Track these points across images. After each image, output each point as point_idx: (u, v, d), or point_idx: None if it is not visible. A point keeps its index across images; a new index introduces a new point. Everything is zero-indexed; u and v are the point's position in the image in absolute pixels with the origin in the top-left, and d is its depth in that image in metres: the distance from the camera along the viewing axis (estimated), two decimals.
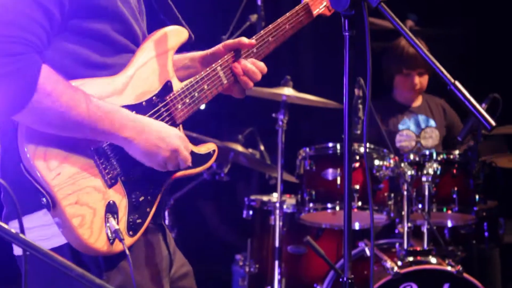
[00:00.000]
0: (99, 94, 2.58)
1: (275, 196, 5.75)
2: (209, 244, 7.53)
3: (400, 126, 6.09)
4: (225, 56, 2.93)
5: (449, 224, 5.54)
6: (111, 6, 2.64)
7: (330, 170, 5.28)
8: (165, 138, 2.65)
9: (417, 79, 6.11)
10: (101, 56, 2.64)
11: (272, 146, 5.83)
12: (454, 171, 5.27)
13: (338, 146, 5.30)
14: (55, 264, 2.00)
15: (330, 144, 5.34)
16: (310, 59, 7.41)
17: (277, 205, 5.45)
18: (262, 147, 6.33)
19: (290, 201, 5.74)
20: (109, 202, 2.58)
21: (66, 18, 2.55)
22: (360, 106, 5.21)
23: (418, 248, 5.11)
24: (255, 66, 2.96)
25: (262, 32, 3.02)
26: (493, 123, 2.36)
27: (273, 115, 5.56)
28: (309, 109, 5.92)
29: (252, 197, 5.95)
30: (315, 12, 3.17)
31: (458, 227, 5.64)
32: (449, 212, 5.23)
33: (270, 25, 3.04)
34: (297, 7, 3.14)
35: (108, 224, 2.55)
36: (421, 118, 6.15)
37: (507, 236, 6.00)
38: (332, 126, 5.90)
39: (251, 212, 5.92)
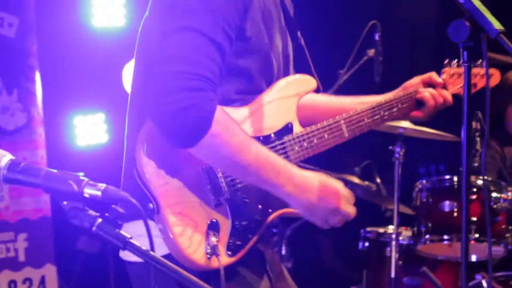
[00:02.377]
0: None
1: (391, 228, 5.78)
2: (324, 276, 7.57)
3: None
4: (351, 112, 3.01)
5: None
6: (260, 46, 2.72)
7: (447, 202, 5.31)
8: (324, 197, 2.69)
9: None
10: (235, 92, 2.74)
11: (388, 178, 5.87)
12: None
13: (455, 179, 5.34)
14: (183, 280, 2.07)
15: (447, 177, 5.38)
16: None
17: (394, 236, 5.48)
18: (378, 180, 6.38)
19: (405, 233, 5.77)
20: (212, 220, 2.66)
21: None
22: (478, 139, 5.23)
23: None
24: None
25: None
26: None
27: (390, 147, 5.63)
28: (426, 142, 5.94)
29: (368, 229, 5.99)
30: (450, 90, 3.29)
31: None
32: None
33: (394, 97, 3.16)
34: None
35: (207, 240, 2.62)
36: None
37: None
38: (449, 159, 5.95)
39: (367, 244, 5.95)
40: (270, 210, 2.80)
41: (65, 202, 2.01)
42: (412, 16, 7.64)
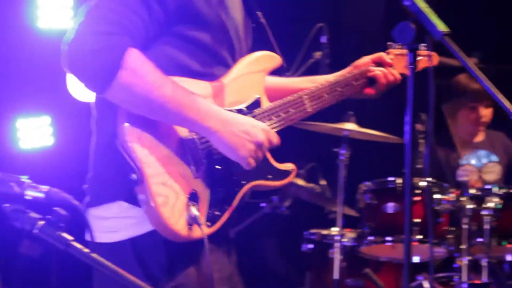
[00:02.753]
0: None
1: (334, 230, 5.80)
2: (268, 278, 7.57)
3: (462, 161, 6.12)
4: (313, 88, 3.13)
5: (509, 258, 5.51)
6: (215, 18, 2.79)
7: (391, 204, 5.34)
8: (249, 131, 2.74)
9: (483, 112, 6.18)
10: (201, 66, 2.79)
11: (333, 181, 5.89)
12: None
13: (399, 181, 5.37)
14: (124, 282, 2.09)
15: (391, 179, 5.41)
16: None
17: (337, 237, 5.50)
18: (323, 182, 6.39)
19: (349, 234, 5.79)
20: (192, 191, 2.70)
21: (172, 23, 2.70)
22: (421, 141, 5.28)
23: (477, 282, 5.11)
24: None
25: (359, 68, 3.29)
26: None
27: (335, 149, 5.64)
28: (370, 144, 5.97)
29: (312, 230, 6.00)
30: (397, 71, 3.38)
31: None
32: (509, 246, 5.24)
33: (348, 75, 3.28)
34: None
35: (188, 211, 2.66)
36: (483, 153, 6.19)
37: None
38: (393, 161, 5.98)
39: (310, 246, 5.97)
40: (243, 182, 2.85)
41: (6, 205, 1.98)
42: (359, 19, 7.68)
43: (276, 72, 3.11)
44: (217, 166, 2.78)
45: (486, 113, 6.22)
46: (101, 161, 2.77)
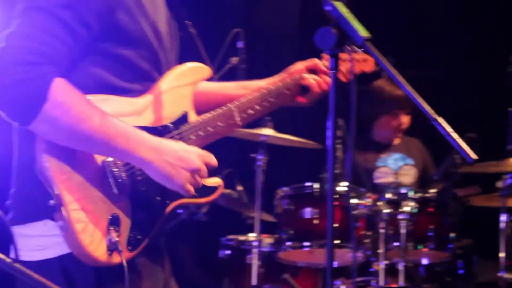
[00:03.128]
0: (119, 112, 2.64)
1: (252, 236, 5.77)
2: (184, 285, 7.47)
3: (378, 164, 6.17)
4: (243, 99, 3.03)
5: (425, 261, 5.59)
6: (139, 33, 2.71)
7: (308, 209, 5.33)
8: (183, 157, 2.66)
9: (403, 119, 6.27)
10: (124, 81, 2.71)
11: (250, 186, 5.86)
12: (430, 209, 5.38)
13: (316, 186, 5.36)
14: None
15: (308, 184, 5.40)
16: None
17: (255, 243, 5.47)
18: (239, 187, 6.36)
19: (267, 240, 5.78)
20: (113, 215, 2.62)
21: (94, 42, 2.62)
22: (339, 146, 5.30)
23: (394, 286, 5.15)
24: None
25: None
26: (474, 156, 2.43)
27: (252, 155, 5.61)
28: (288, 149, 5.97)
29: (229, 236, 5.96)
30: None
31: (434, 264, 5.70)
32: (425, 249, 5.31)
33: (281, 83, 3.17)
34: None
35: (108, 236, 2.59)
36: (399, 156, 6.25)
37: (480, 275, 6.06)
38: (310, 166, 5.99)
39: (228, 252, 5.93)
40: (168, 202, 2.77)
41: None
42: (274, 24, 7.68)
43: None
44: (140, 188, 2.70)
45: (406, 120, 6.31)
46: (25, 179, 2.67)
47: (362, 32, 2.55)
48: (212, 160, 2.76)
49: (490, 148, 5.54)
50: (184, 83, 2.89)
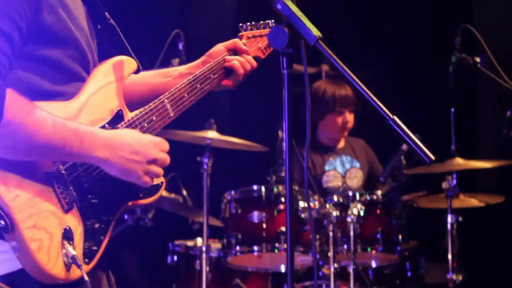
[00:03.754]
0: None
1: (199, 241, 5.69)
2: None
3: (326, 167, 6.17)
4: (173, 89, 2.94)
5: (374, 264, 5.57)
6: (66, 32, 2.60)
7: (256, 213, 5.28)
8: (138, 150, 2.61)
9: (348, 117, 6.23)
10: (52, 84, 2.59)
11: (196, 190, 5.78)
12: (378, 211, 5.38)
13: (263, 189, 5.30)
14: None
15: (255, 187, 5.34)
16: (230, 101, 7.46)
17: (203, 249, 5.40)
18: (184, 192, 6.29)
19: (215, 245, 5.71)
20: (65, 228, 2.52)
21: (22, 45, 2.50)
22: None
23: None
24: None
25: (204, 69, 3.07)
26: (432, 157, 2.39)
27: (198, 158, 5.53)
28: (233, 152, 5.90)
29: (176, 242, 5.87)
30: (251, 52, 3.23)
31: (382, 267, 5.69)
32: (374, 252, 5.30)
33: (205, 67, 3.08)
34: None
35: (64, 251, 2.49)
36: (346, 158, 6.26)
37: (427, 276, 6.07)
38: (257, 169, 5.93)
39: (175, 258, 5.84)
40: (117, 206, 2.70)
41: None
42: (212, 24, 7.65)
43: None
44: (88, 196, 2.61)
45: (350, 118, 6.31)
46: None
47: (314, 31, 2.51)
48: (166, 146, 2.70)
49: (434, 149, 5.54)
50: (113, 80, 2.79)
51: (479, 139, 7.66)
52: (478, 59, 5.40)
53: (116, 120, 2.75)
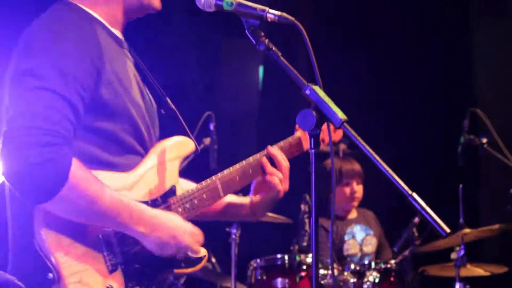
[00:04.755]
0: (111, 187, 2.58)
1: None
2: None
3: (346, 237, 6.16)
4: (225, 171, 2.99)
5: None
6: (121, 108, 2.66)
7: (279, 280, 5.30)
8: (176, 236, 2.66)
9: (356, 187, 6.28)
10: (109, 155, 2.66)
11: (224, 258, 5.80)
12: (392, 278, 5.39)
13: (286, 257, 5.33)
14: None
15: (279, 255, 5.36)
16: None
17: None
18: (213, 259, 6.29)
19: None
20: (107, 287, 2.57)
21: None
22: (307, 220, 5.27)
23: None
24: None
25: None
26: (447, 230, 2.41)
27: (227, 229, 5.57)
28: (259, 223, 5.93)
29: None
30: (305, 145, 3.26)
31: None
32: None
33: (259, 153, 3.10)
34: (290, 138, 3.24)
35: None
36: (362, 227, 6.28)
37: None
38: (281, 239, 5.95)
39: None
40: (158, 273, 2.75)
41: None
42: (239, 107, 7.77)
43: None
44: (132, 261, 2.67)
45: (358, 189, 6.34)
46: (20, 257, 2.60)
47: (340, 114, 2.53)
48: (201, 239, 2.76)
49: (444, 222, 5.57)
50: (171, 158, 2.85)
51: (485, 211, 7.70)
52: (484, 140, 5.46)
53: (168, 195, 2.81)
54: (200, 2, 2.74)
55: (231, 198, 3.15)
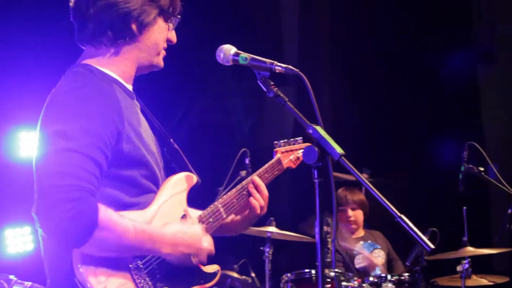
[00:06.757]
0: None
1: None
2: None
3: (355, 253, 6.17)
4: (225, 196, 3.03)
5: None
6: (139, 157, 2.68)
7: None
8: (192, 244, 2.69)
9: (350, 212, 6.34)
10: (130, 197, 2.67)
11: (261, 273, 5.82)
12: None
13: (313, 271, 5.31)
14: None
15: (307, 270, 5.36)
16: (289, 202, 7.57)
17: None
18: (253, 274, 6.31)
19: None
20: None
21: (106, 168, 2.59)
22: (328, 239, 5.30)
23: None
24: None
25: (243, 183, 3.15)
26: (432, 246, 2.41)
27: (261, 248, 5.61)
28: (289, 243, 5.97)
29: None
30: (285, 164, 3.37)
31: None
32: None
33: (249, 178, 3.17)
34: (272, 161, 3.34)
35: None
36: (369, 243, 6.32)
37: None
38: (307, 256, 5.96)
39: None
40: None
41: None
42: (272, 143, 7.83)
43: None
44: (160, 283, 2.66)
45: (354, 214, 6.38)
46: None
47: (338, 149, 2.56)
48: (213, 253, 2.80)
49: (450, 240, 5.59)
50: (178, 191, 2.85)
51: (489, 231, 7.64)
52: (482, 168, 5.44)
53: None
54: (220, 57, 2.81)
55: None
